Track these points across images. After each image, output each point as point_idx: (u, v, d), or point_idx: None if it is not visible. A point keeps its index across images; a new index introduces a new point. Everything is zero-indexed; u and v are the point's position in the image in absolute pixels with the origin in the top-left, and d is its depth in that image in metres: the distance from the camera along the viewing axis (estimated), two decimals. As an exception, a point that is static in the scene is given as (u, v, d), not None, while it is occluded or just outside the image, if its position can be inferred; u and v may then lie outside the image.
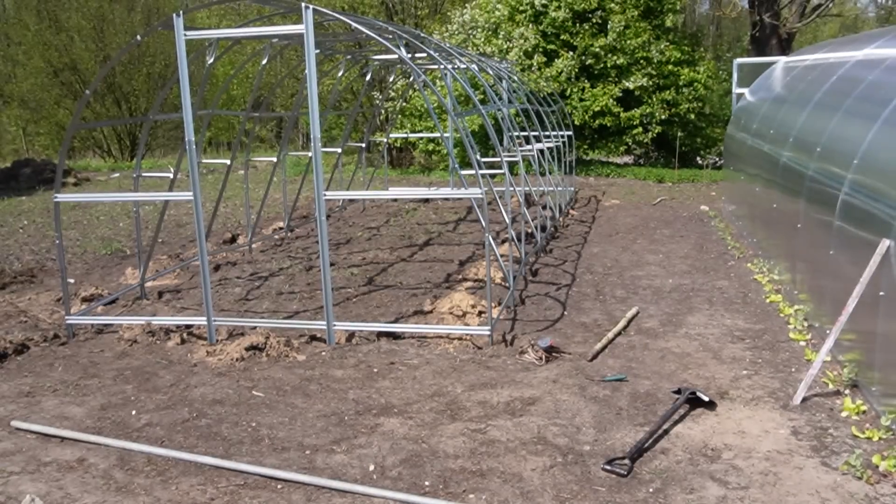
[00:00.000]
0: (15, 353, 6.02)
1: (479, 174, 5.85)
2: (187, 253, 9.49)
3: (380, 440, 4.43)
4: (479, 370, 5.49)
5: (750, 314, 6.69)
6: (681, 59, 16.64)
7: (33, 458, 4.33)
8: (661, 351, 5.83)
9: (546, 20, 16.29)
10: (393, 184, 14.66)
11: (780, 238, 7.55)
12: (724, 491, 3.80)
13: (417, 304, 7.12)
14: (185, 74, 5.82)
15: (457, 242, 10.07)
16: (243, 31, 6.76)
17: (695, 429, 4.51)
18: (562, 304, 7.14)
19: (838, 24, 33.09)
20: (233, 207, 13.13)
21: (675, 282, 7.82)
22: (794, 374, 5.30)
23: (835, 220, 5.53)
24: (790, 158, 7.41)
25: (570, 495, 3.80)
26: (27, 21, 24.02)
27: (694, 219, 11.44)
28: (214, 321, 6.23)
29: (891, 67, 6.26)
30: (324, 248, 5.90)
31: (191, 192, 6.03)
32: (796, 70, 9.67)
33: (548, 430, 4.49)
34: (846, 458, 4.03)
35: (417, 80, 6.45)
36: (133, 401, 5.11)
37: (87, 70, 23.67)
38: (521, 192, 8.48)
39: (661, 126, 16.47)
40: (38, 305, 7.29)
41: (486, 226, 5.85)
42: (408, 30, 8.49)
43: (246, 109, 9.99)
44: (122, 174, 18.35)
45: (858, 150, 5.46)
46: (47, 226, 11.61)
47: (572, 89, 16.32)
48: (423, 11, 21.33)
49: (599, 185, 15.22)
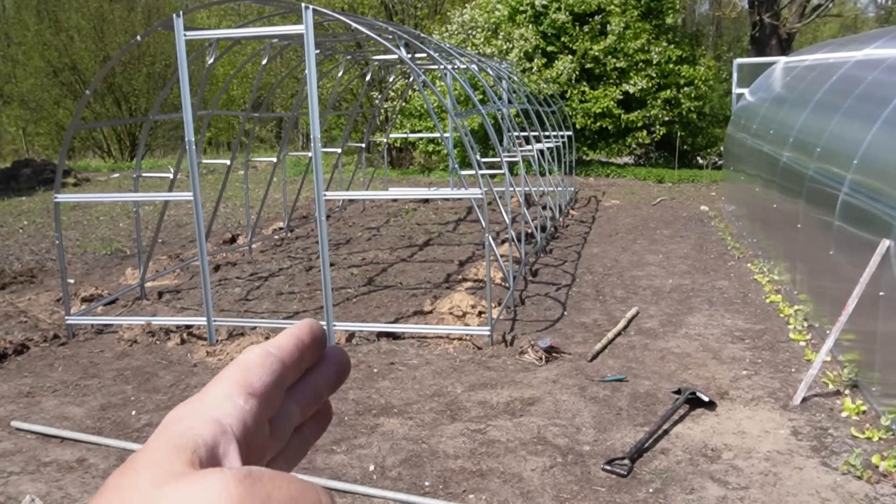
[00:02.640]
0: (15, 353, 6.02)
1: (479, 174, 5.85)
2: (187, 253, 9.49)
3: (380, 440, 4.43)
4: (479, 370, 5.49)
5: (750, 314, 6.69)
6: (681, 57, 16.63)
7: (33, 458, 4.33)
8: (661, 351, 5.83)
9: (546, 21, 16.28)
10: (393, 184, 14.66)
11: (780, 238, 7.55)
12: (724, 491, 3.79)
13: (417, 304, 7.12)
14: (185, 75, 5.82)
15: (457, 242, 10.07)
16: (243, 32, 6.76)
17: (695, 429, 4.51)
18: (562, 304, 7.14)
19: (838, 25, 33.09)
20: (233, 208, 13.13)
21: (675, 282, 7.82)
22: (794, 374, 5.30)
23: (835, 221, 5.53)
24: (790, 158, 7.41)
25: (570, 495, 3.79)
26: (27, 21, 24.01)
27: (694, 219, 11.44)
28: (214, 321, 6.22)
29: (891, 67, 6.26)
30: (324, 249, 5.90)
31: (191, 193, 6.03)
32: (796, 70, 9.67)
33: (548, 431, 4.49)
34: (846, 458, 4.04)
35: (417, 80, 6.45)
36: (133, 401, 5.10)
37: (87, 70, 23.66)
38: (521, 193, 8.48)
39: (664, 127, 16.48)
40: (37, 306, 7.29)
41: (486, 226, 5.85)
42: (408, 30, 8.49)
43: (246, 110, 10.00)
44: (122, 174, 18.35)
45: (858, 150, 5.46)
46: (47, 226, 11.61)
47: (572, 91, 16.32)
48: (422, 12, 21.33)
49: (599, 186, 15.22)
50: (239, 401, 0.37)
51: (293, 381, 0.41)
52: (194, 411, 0.36)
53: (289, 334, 0.41)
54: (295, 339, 0.41)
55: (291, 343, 0.41)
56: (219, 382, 0.38)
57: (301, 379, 0.42)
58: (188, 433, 0.34)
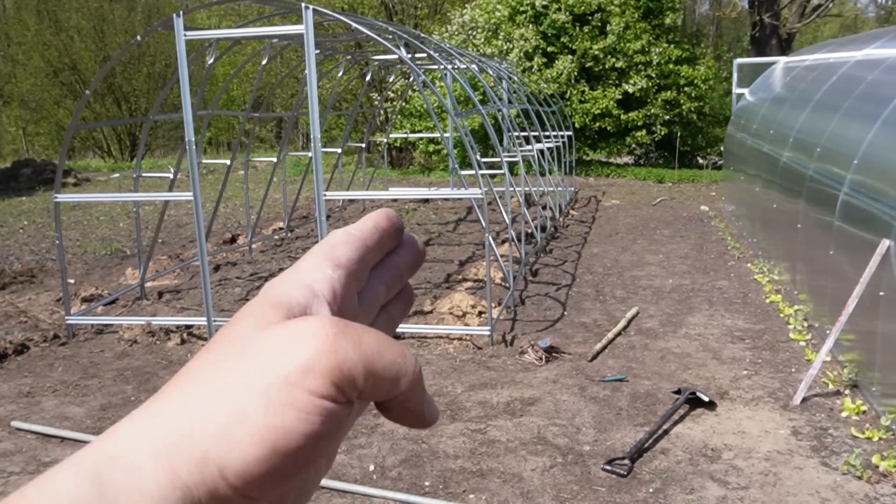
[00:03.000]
0: (15, 353, 6.02)
1: (479, 174, 5.85)
2: (187, 253, 9.49)
3: (380, 440, 4.43)
4: (479, 370, 5.49)
5: (750, 314, 6.69)
6: (681, 58, 16.63)
7: (33, 458, 4.33)
8: (661, 351, 5.83)
9: (546, 21, 16.28)
10: (393, 184, 14.66)
11: (780, 238, 7.55)
12: (725, 491, 3.79)
13: (417, 304, 7.12)
14: (185, 75, 5.82)
15: (457, 242, 10.07)
16: (243, 32, 6.76)
17: (695, 429, 4.51)
18: (562, 304, 7.14)
19: (838, 25, 33.09)
20: (233, 208, 13.13)
21: (675, 282, 7.82)
22: (794, 374, 5.29)
23: (835, 221, 5.53)
24: (790, 158, 7.41)
25: (570, 495, 3.79)
26: (27, 21, 24.01)
27: (694, 219, 11.44)
28: (215, 321, 6.22)
29: (891, 67, 6.26)
30: (324, 249, 5.88)
31: (191, 193, 6.03)
32: (796, 70, 9.67)
33: (548, 431, 4.49)
34: (846, 458, 4.03)
35: (417, 80, 6.45)
36: (133, 401, 5.10)
37: (87, 70, 23.66)
38: (521, 193, 8.48)
39: (664, 127, 16.48)
40: (38, 306, 7.29)
41: (486, 226, 5.85)
42: (408, 30, 8.49)
43: (246, 110, 9.99)
44: (122, 174, 18.35)
45: (858, 150, 5.46)
46: (47, 226, 11.60)
47: (572, 91, 16.32)
48: (422, 11, 21.34)
49: (599, 186, 15.21)
50: (328, 270, 0.40)
51: (375, 261, 0.44)
52: (287, 280, 0.39)
53: (368, 219, 0.44)
54: (374, 222, 0.44)
55: (371, 225, 0.44)
56: (308, 257, 0.41)
57: (383, 260, 0.45)
58: (283, 295, 0.38)
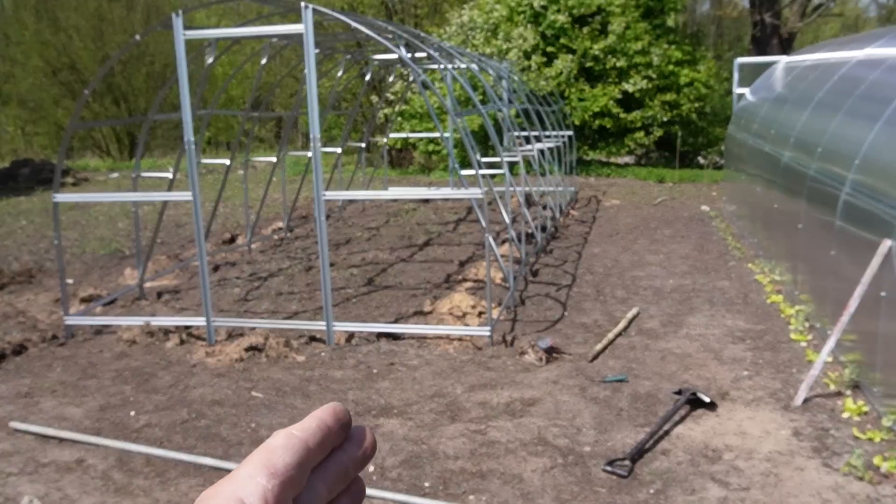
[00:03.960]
0: (13, 353, 6.01)
1: (479, 174, 5.83)
2: (186, 253, 9.47)
3: (379, 441, 4.41)
4: (479, 371, 5.48)
5: (751, 315, 6.67)
6: (682, 60, 16.62)
7: (32, 459, 4.31)
8: (662, 351, 5.81)
9: (545, 21, 16.27)
10: (393, 184, 14.64)
11: (782, 238, 7.54)
12: (725, 492, 3.78)
13: (417, 304, 7.10)
14: (185, 74, 5.80)
15: (457, 242, 10.05)
16: (242, 31, 6.75)
17: (696, 430, 4.50)
18: (562, 304, 7.12)
19: (839, 24, 33.07)
20: (232, 208, 13.11)
21: (675, 282, 7.80)
22: (796, 374, 5.28)
23: (836, 221, 5.52)
24: (791, 158, 7.39)
25: (570, 496, 3.78)
26: (26, 20, 23.99)
27: (695, 219, 11.42)
28: (213, 322, 6.21)
29: (892, 67, 6.24)
30: (323, 249, 5.88)
31: (190, 193, 6.01)
32: (797, 70, 9.66)
33: (548, 431, 4.48)
34: (847, 459, 4.02)
35: (417, 80, 6.44)
36: (132, 401, 5.09)
37: (85, 69, 23.64)
38: (522, 193, 8.47)
39: (662, 128, 16.47)
40: (36, 306, 7.27)
41: (486, 226, 5.83)
42: (408, 29, 8.47)
43: (245, 109, 9.98)
44: (121, 174, 18.32)
45: (860, 150, 5.45)
46: (46, 226, 11.58)
47: (571, 90, 16.30)
48: (422, 11, 21.33)
49: (600, 185, 15.20)
50: (262, 480, 0.40)
51: (317, 461, 0.44)
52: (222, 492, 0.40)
53: (313, 417, 0.44)
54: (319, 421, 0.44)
55: (315, 425, 0.44)
56: (245, 465, 0.42)
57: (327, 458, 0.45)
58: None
